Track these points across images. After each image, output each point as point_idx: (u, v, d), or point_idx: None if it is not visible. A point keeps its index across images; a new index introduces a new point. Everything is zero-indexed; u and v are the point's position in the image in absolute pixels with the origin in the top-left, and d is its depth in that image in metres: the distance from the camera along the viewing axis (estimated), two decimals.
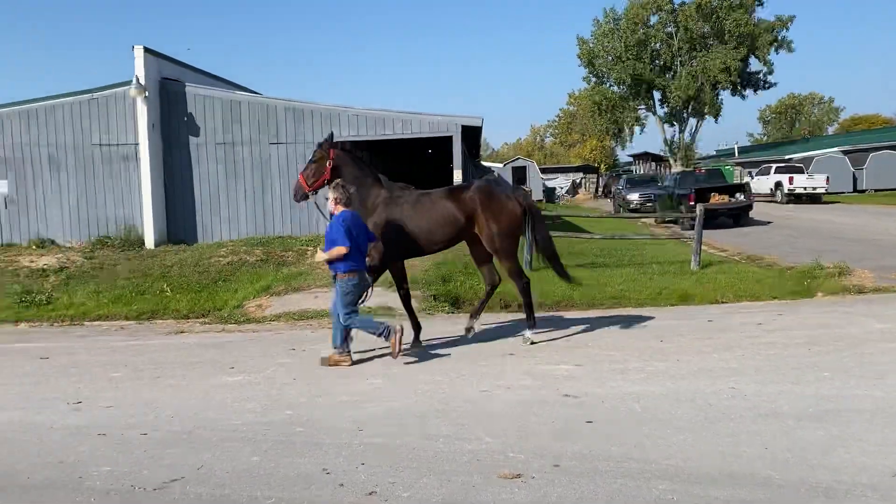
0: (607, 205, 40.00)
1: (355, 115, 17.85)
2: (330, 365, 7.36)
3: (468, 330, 8.41)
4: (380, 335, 7.29)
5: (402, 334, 7.27)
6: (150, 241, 17.03)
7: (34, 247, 16.82)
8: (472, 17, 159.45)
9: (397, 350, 7.22)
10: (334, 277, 7.34)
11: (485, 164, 51.05)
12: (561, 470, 4.47)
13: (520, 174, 48.08)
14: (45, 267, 14.63)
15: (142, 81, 16.70)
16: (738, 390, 6.04)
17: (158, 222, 17.30)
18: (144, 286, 13.09)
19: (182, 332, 10.08)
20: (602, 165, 65.30)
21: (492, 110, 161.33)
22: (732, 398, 5.83)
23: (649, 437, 4.99)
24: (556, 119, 79.98)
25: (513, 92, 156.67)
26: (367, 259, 7.59)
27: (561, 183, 54.84)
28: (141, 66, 16.75)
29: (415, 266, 13.61)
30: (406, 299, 8.36)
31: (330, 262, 7.29)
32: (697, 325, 8.99)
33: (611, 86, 50.51)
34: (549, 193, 49.16)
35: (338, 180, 7.65)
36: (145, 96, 16.80)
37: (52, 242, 17.26)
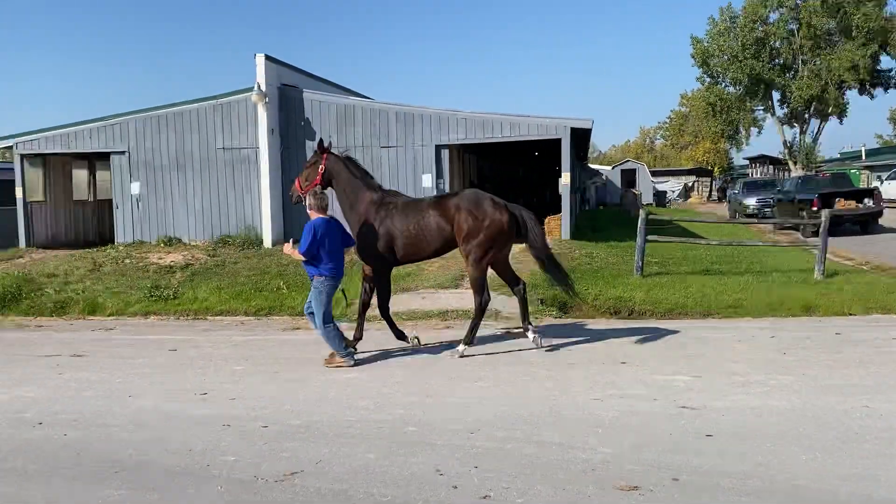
0: (721, 209, 38.47)
1: (463, 119, 17.97)
2: (332, 366, 7.66)
3: (535, 339, 8.17)
4: (343, 356, 7.65)
5: (352, 363, 7.64)
6: (267, 241, 17.77)
7: (162, 244, 17.90)
8: (581, 19, 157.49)
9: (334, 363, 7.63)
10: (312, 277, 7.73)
11: (592, 166, 50.28)
12: (680, 484, 4.32)
13: (629, 177, 47.02)
14: (171, 264, 15.53)
15: (262, 88, 17.46)
16: (873, 409, 5.65)
17: (276, 223, 18.03)
18: (262, 284, 13.64)
19: (297, 329, 10.44)
20: (716, 169, 62.89)
21: (599, 111, 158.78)
22: (867, 417, 5.46)
23: (774, 455, 4.75)
24: (667, 120, 77.71)
25: (621, 93, 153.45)
26: (365, 268, 8.01)
27: (672, 186, 53.22)
28: (262, 74, 17.51)
29: (521, 270, 13.59)
30: (384, 309, 8.39)
31: (305, 263, 7.74)
32: (824, 338, 8.49)
33: (726, 86, 48.52)
34: (660, 197, 47.81)
35: (316, 187, 7.99)
36: (265, 102, 17.55)
37: (179, 241, 18.31)
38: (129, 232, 18.77)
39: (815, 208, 19.50)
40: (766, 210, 27.68)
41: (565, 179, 17.52)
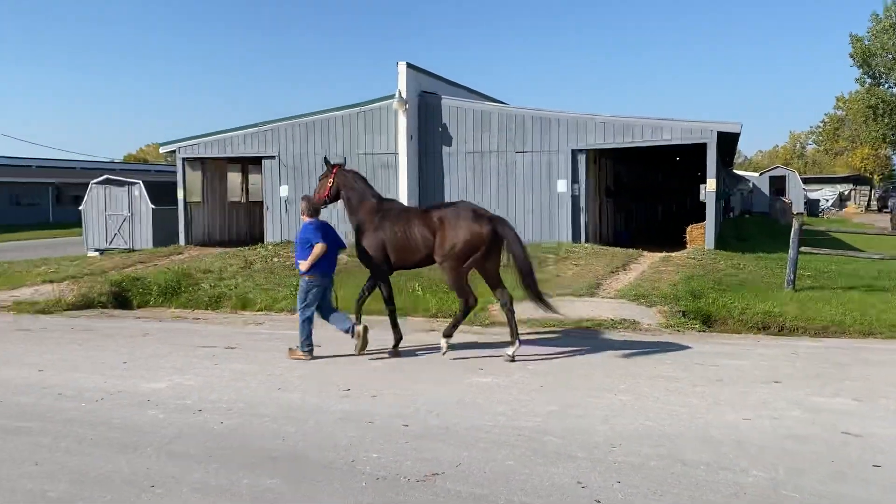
0: (882, 220, 35.53)
1: (602, 123, 17.64)
2: (292, 358, 8.39)
3: (511, 356, 8.17)
4: (305, 349, 8.43)
5: (310, 357, 8.35)
6: None
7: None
8: (725, 18, 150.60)
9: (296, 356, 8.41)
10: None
11: (738, 172, 47.89)
12: None
13: (778, 184, 44.41)
14: None
15: (403, 95, 17.93)
16: None
17: None
18: (400, 285, 13.97)
19: (433, 331, 10.60)
20: (876, 177, 58.16)
21: (744, 114, 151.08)
22: None
23: None
24: (820, 125, 72.74)
25: (769, 95, 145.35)
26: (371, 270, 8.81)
27: (825, 195, 49.77)
28: (403, 81, 18.00)
29: (662, 279, 13.13)
30: (392, 310, 9.11)
31: (298, 262, 8.43)
32: None
33: (890, 87, 44.87)
34: (812, 206, 44.80)
35: (305, 195, 9.48)
36: (405, 109, 18.01)
37: None
38: (277, 232, 19.81)
39: None
40: None
41: (710, 186, 16.79)
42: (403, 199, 18.33)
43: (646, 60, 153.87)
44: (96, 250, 21.18)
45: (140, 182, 21.22)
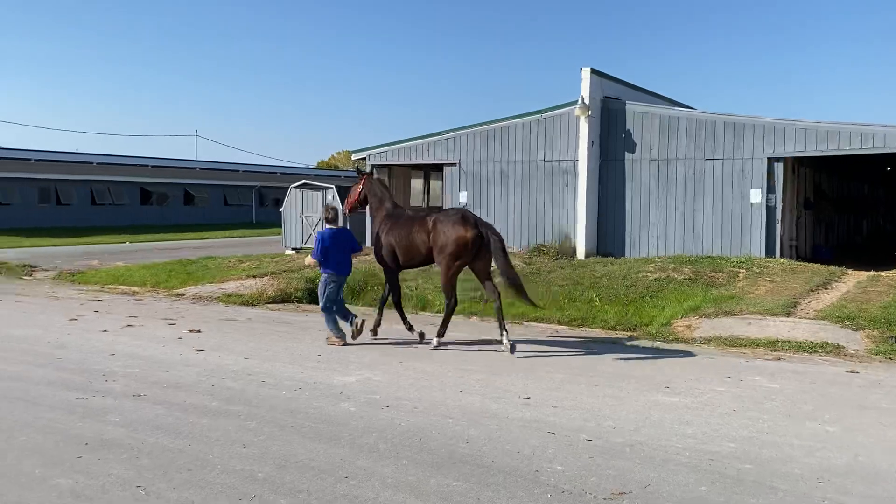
0: None
1: (802, 129, 16.36)
2: (329, 345, 9.46)
3: (508, 347, 9.09)
4: (337, 336, 9.53)
5: (343, 343, 9.42)
6: (581, 252, 17.96)
7: None
8: None
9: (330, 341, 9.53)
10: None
11: None
12: None
13: None
14: (491, 269, 16.40)
15: (586, 101, 17.70)
16: None
17: (590, 234, 18.15)
18: (575, 294, 13.79)
19: (612, 344, 10.33)
20: None
21: None
22: None
23: None
24: None
25: None
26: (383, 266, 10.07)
27: None
28: (587, 87, 17.77)
29: (871, 301, 11.93)
30: (397, 304, 10.23)
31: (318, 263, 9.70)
32: None
33: None
34: None
35: (327, 203, 10.33)
36: (588, 115, 17.76)
37: None
38: None
39: None
40: None
41: None
42: (582, 206, 18.09)
43: (851, 64, 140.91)
44: (293, 248, 22.82)
45: (333, 187, 22.58)
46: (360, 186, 10.53)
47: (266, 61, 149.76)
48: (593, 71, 17.95)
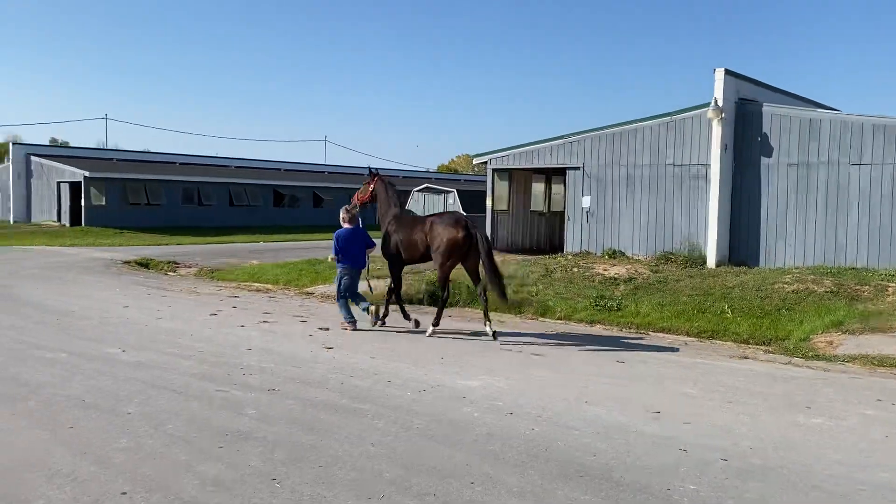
0: None
1: None
2: (342, 329, 10.82)
3: (495, 334, 10.37)
4: (348, 321, 10.85)
5: (353, 328, 10.75)
6: (711, 261, 17.22)
7: (606, 256, 18.64)
8: None
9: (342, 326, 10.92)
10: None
11: None
12: None
13: None
14: (615, 276, 16.03)
15: (720, 103, 16.96)
16: None
17: (721, 242, 17.38)
18: (705, 305, 13.23)
19: (745, 358, 9.83)
20: None
21: None
22: None
23: None
24: None
25: None
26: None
27: None
28: (720, 88, 17.02)
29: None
30: (397, 295, 11.43)
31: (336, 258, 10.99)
32: None
33: None
34: None
35: (346, 206, 11.38)
36: (721, 118, 17.01)
37: (622, 254, 18.86)
38: (577, 242, 19.97)
39: None
40: None
41: None
42: (713, 213, 17.35)
43: None
44: None
45: (454, 190, 22.83)
46: (372, 185, 11.76)
47: (391, 68, 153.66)
48: (727, 72, 17.17)
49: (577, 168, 20.12)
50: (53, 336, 9.96)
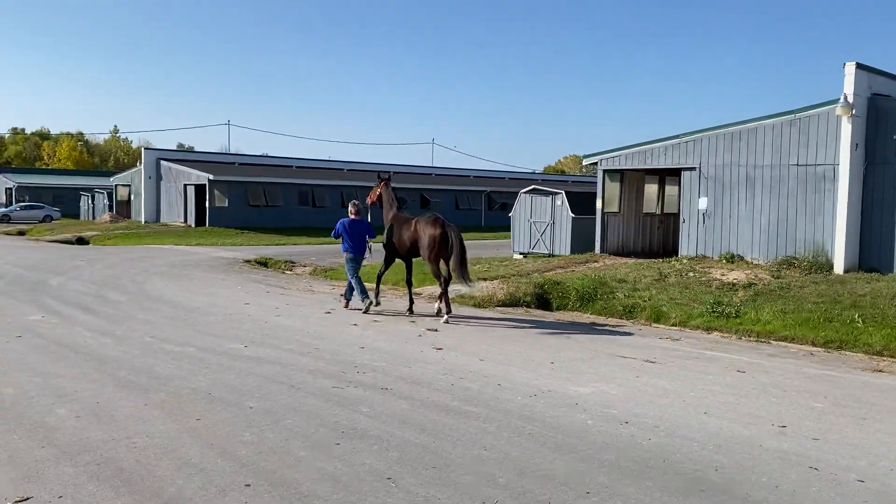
0: None
1: None
2: (344, 307, 13.13)
3: (439, 311, 12.39)
4: (347, 299, 13.19)
5: (370, 304, 12.64)
6: (839, 266, 16.18)
7: (724, 261, 17.87)
8: None
9: (344, 305, 13.24)
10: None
11: None
12: None
13: None
14: (734, 281, 15.35)
15: (850, 99, 15.90)
16: None
17: (851, 247, 16.29)
18: (833, 313, 12.43)
19: (879, 371, 9.17)
20: None
21: None
22: None
23: None
24: None
25: None
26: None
27: None
28: (850, 84, 15.96)
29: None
30: (378, 276, 13.30)
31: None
32: None
33: None
34: None
35: (354, 200, 13.55)
36: (851, 115, 15.95)
37: (741, 258, 18.03)
38: (693, 246, 19.25)
39: None
40: None
41: None
42: (842, 215, 16.30)
43: None
44: (520, 253, 23.12)
45: (562, 192, 22.53)
46: (379, 189, 13.62)
47: (497, 69, 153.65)
48: (859, 66, 16.07)
49: (693, 168, 19.39)
50: (181, 331, 10.55)
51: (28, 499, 4.51)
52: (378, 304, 13.02)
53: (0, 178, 69.85)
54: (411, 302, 13.04)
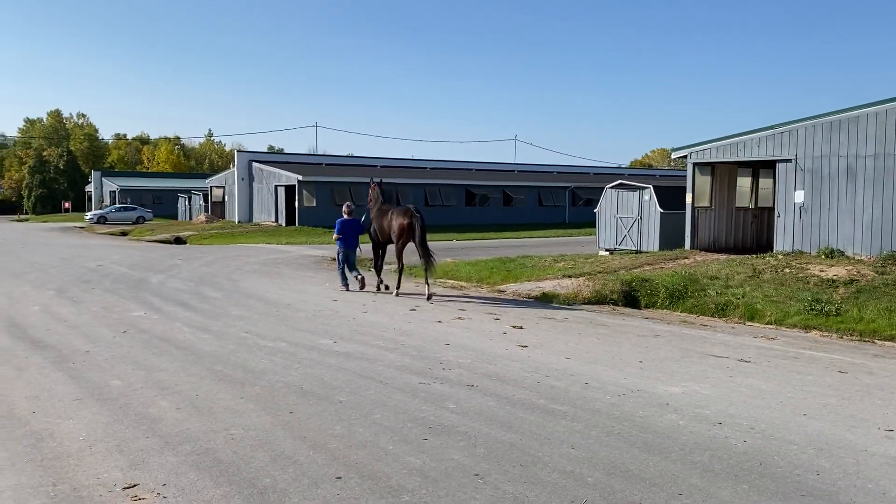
0: None
1: None
2: (339, 291, 15.21)
3: (385, 286, 15.28)
4: (342, 284, 15.56)
5: (361, 285, 15.33)
6: None
7: (822, 256, 17.05)
8: None
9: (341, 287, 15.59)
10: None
11: None
12: None
13: None
14: (833, 278, 14.62)
15: None
16: None
17: None
18: None
19: None
20: None
21: None
22: None
23: None
24: None
25: None
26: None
27: None
28: None
29: None
30: (378, 268, 15.75)
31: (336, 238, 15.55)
32: None
33: None
34: None
35: (348, 202, 16.14)
36: None
37: (841, 253, 17.16)
38: (789, 241, 18.46)
39: None
40: None
41: None
42: None
43: None
44: (606, 250, 22.74)
45: (650, 187, 22.02)
46: (371, 190, 15.89)
47: (581, 63, 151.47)
48: None
49: (789, 160, 18.57)
50: (274, 327, 10.90)
51: (135, 485, 4.76)
52: (387, 287, 15.17)
53: (104, 181, 74.03)
54: (399, 280, 15.09)
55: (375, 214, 15.40)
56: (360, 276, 15.34)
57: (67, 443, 5.59)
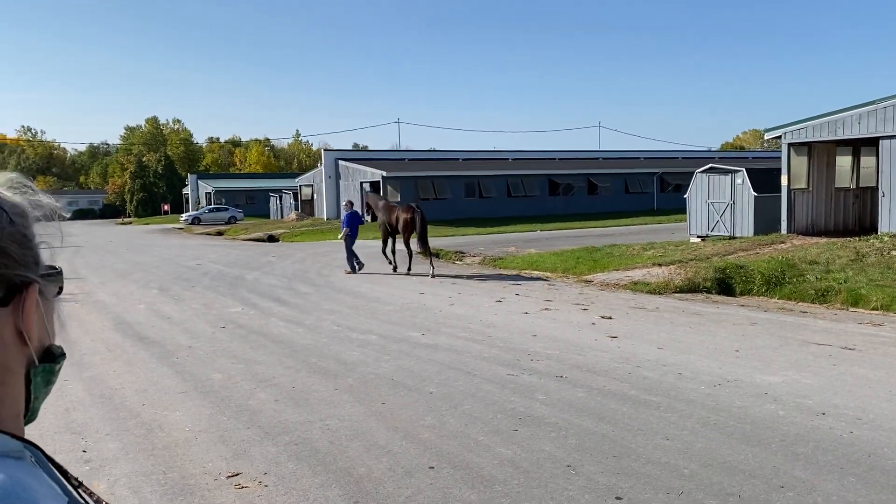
0: None
1: None
2: (345, 274, 17.82)
3: (395, 268, 17.87)
4: (349, 270, 17.87)
5: (349, 273, 17.72)
6: None
7: None
8: None
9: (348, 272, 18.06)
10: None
11: None
12: None
13: None
14: None
15: None
16: None
17: None
18: None
19: None
20: None
21: None
22: None
23: None
24: None
25: None
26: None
27: None
28: None
29: None
30: (392, 251, 17.86)
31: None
32: None
33: None
34: None
35: (348, 199, 20.12)
36: None
37: None
38: (895, 222, 17.43)
39: None
40: None
41: None
42: None
43: None
44: (698, 236, 22.08)
45: (743, 170, 21.23)
46: (367, 200, 19.58)
47: (663, 46, 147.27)
48: None
49: (893, 136, 17.51)
50: (364, 320, 11.14)
51: (238, 474, 4.98)
52: (396, 266, 17.76)
53: (200, 183, 77.27)
54: (410, 259, 17.54)
55: (383, 211, 18.20)
56: (359, 263, 18.06)
57: (175, 433, 5.90)
